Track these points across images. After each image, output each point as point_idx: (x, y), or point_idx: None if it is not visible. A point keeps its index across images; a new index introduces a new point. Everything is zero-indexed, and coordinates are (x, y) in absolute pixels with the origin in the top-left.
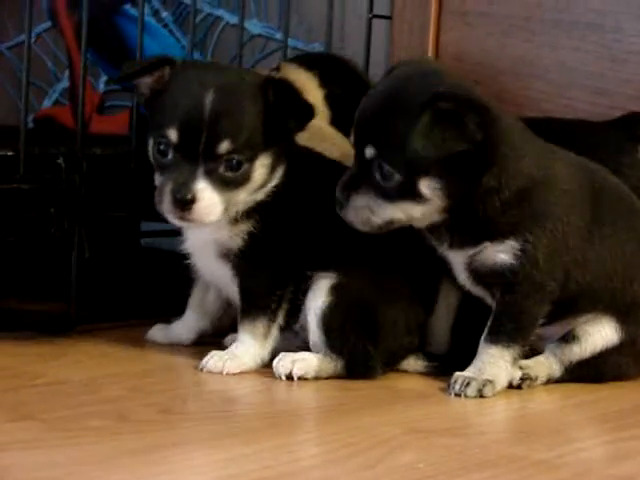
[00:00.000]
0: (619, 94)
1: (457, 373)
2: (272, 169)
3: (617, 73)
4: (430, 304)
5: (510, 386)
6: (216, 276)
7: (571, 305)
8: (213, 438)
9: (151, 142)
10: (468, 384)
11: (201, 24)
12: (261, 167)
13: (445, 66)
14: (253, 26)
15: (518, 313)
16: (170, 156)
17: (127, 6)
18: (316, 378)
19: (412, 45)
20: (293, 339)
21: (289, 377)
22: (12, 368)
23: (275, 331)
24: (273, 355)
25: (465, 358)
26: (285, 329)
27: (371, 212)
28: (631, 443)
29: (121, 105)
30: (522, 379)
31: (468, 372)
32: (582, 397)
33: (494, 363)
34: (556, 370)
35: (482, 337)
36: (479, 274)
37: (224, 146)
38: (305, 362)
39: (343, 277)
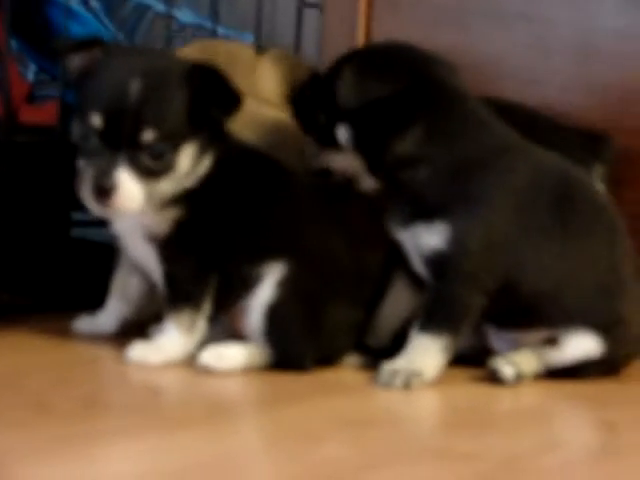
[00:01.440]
0: (550, 85)
1: (384, 364)
2: (198, 158)
3: (548, 64)
4: (375, 301)
5: (501, 382)
6: (143, 259)
7: (537, 312)
8: (135, 429)
9: (75, 126)
10: (395, 375)
11: (131, 14)
12: (186, 157)
13: None
14: (183, 15)
15: (449, 301)
16: (93, 142)
17: None
18: (244, 370)
19: (343, 35)
20: (220, 329)
21: (216, 369)
22: None
23: (201, 322)
24: (200, 346)
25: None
26: (213, 319)
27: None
28: (561, 433)
29: (52, 95)
30: (516, 376)
31: (396, 363)
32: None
33: (423, 353)
34: (539, 368)
35: (412, 327)
36: (422, 259)
37: (147, 134)
38: (233, 353)
39: (292, 270)
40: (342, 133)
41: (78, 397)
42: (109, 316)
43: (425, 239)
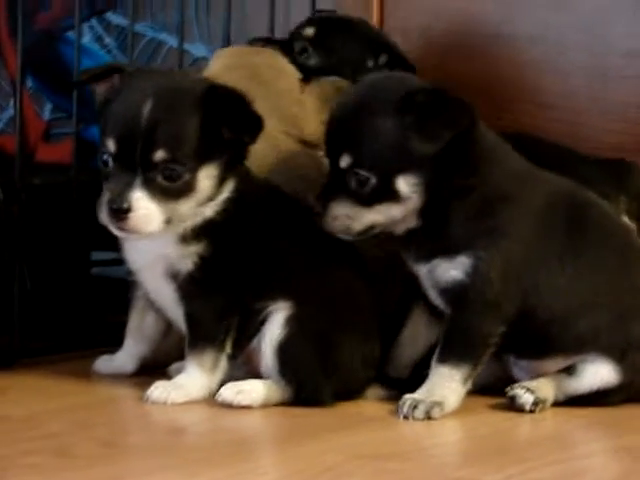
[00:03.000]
0: (565, 108)
1: (406, 395)
2: (221, 181)
3: (562, 87)
4: (392, 335)
5: (521, 410)
6: (161, 297)
7: (552, 340)
8: (157, 470)
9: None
10: (416, 406)
11: (144, 48)
12: (207, 178)
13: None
14: (196, 49)
15: (469, 331)
16: (110, 166)
17: (70, 33)
18: (263, 406)
19: None
20: (239, 367)
21: (235, 406)
22: None
23: (223, 362)
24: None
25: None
26: (232, 358)
27: (351, 219)
28: (582, 461)
29: (68, 133)
30: (535, 403)
31: (417, 394)
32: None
33: (443, 384)
34: (558, 395)
35: (433, 357)
36: (439, 291)
37: (159, 155)
38: (251, 390)
39: (300, 308)
40: (404, 183)
41: (99, 439)
42: (128, 356)
43: (445, 272)
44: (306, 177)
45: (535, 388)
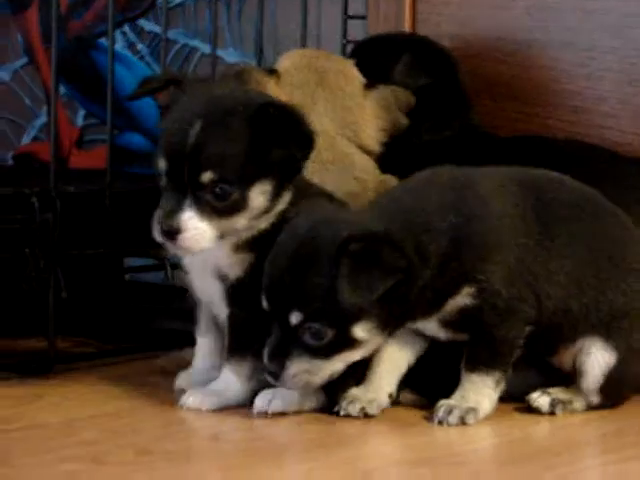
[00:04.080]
0: (595, 112)
1: (441, 401)
2: (275, 195)
3: (592, 91)
4: None
5: (540, 414)
6: (210, 296)
7: (559, 329)
8: (192, 477)
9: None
10: (450, 412)
11: (177, 55)
12: (259, 195)
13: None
14: (229, 55)
15: (492, 342)
16: (163, 183)
17: (102, 39)
18: (298, 412)
19: None
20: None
21: (270, 413)
22: None
23: (258, 372)
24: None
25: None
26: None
27: (310, 374)
28: (618, 466)
29: (101, 139)
30: (553, 404)
31: (452, 399)
32: (570, 419)
33: (477, 390)
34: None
35: (461, 366)
36: (450, 324)
37: (207, 176)
38: (286, 397)
39: None
40: (361, 331)
41: (134, 446)
42: (205, 357)
43: (453, 306)
44: (361, 179)
45: (552, 390)
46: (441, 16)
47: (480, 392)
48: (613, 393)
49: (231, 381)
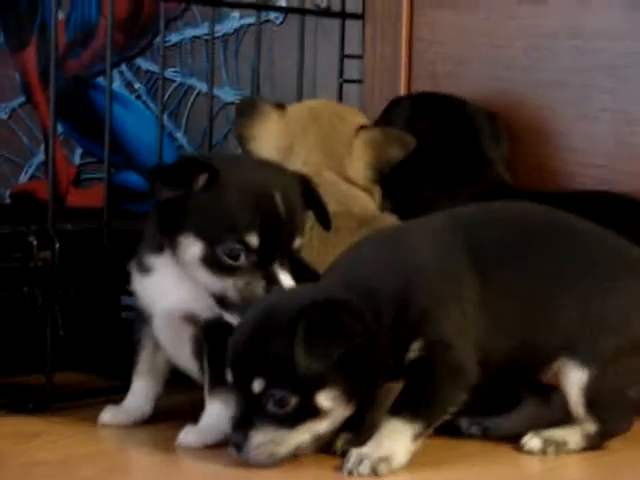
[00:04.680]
0: (590, 152)
1: (352, 449)
2: None
3: (587, 131)
4: None
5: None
6: (174, 343)
7: (523, 361)
8: None
9: (204, 247)
10: (361, 461)
11: (173, 93)
12: None
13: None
14: (225, 94)
15: (430, 395)
16: (242, 260)
17: (100, 79)
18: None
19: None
20: None
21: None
22: None
23: None
24: None
25: None
26: None
27: (275, 444)
28: None
29: (98, 177)
30: (545, 445)
31: (364, 447)
32: (569, 459)
33: (393, 438)
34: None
35: (386, 411)
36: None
37: (299, 241)
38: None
39: None
40: (324, 399)
41: None
42: (142, 398)
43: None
44: (343, 203)
45: (544, 432)
46: (437, 55)
47: (396, 441)
48: (602, 412)
49: (222, 413)
